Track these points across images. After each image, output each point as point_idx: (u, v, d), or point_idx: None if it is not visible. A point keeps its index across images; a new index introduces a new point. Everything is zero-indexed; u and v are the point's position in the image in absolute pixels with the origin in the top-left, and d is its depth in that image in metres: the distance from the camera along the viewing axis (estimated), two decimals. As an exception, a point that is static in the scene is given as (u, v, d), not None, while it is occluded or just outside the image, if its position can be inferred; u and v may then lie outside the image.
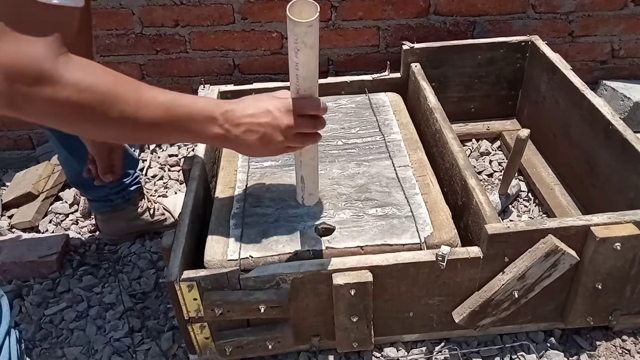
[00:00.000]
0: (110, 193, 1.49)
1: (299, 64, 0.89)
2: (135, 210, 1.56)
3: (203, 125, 0.87)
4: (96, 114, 0.76)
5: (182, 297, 1.09)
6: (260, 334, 1.15)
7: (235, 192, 1.32)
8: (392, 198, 1.27)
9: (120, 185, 1.49)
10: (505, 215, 1.61)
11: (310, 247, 1.15)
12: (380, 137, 1.48)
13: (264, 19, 1.84)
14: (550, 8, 1.86)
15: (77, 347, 1.32)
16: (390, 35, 1.89)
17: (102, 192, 1.48)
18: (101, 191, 1.48)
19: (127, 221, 1.56)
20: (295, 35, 0.84)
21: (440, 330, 1.23)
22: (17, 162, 2.03)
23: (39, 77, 0.71)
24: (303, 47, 0.86)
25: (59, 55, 0.73)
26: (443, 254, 1.09)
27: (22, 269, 1.51)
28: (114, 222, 1.56)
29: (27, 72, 0.70)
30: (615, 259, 1.10)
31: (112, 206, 1.52)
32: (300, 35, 0.84)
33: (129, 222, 1.57)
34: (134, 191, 1.54)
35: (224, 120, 0.88)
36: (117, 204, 1.52)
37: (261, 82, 1.79)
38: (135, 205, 1.56)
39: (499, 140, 1.89)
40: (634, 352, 1.23)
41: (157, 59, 1.92)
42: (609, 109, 1.41)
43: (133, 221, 1.57)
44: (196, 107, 0.86)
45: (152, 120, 0.81)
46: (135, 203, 1.55)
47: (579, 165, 1.54)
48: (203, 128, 0.87)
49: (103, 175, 1.34)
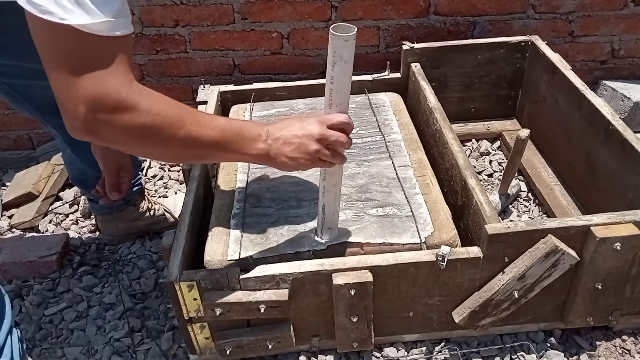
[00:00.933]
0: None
1: (334, 77, 0.96)
2: (136, 210, 1.56)
3: (252, 142, 0.97)
4: (166, 135, 0.86)
5: (182, 297, 1.09)
6: (260, 334, 1.15)
7: (236, 193, 1.32)
8: (393, 198, 1.27)
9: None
10: (505, 215, 1.61)
11: (310, 248, 1.15)
12: (380, 137, 1.48)
13: (264, 19, 1.84)
14: (550, 8, 1.86)
15: (77, 347, 1.32)
16: (390, 35, 1.89)
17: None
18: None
19: (127, 222, 1.56)
20: (333, 48, 0.92)
21: (440, 330, 1.23)
22: (17, 162, 2.03)
23: (118, 106, 0.80)
24: (339, 60, 0.93)
25: (131, 82, 0.82)
26: (443, 254, 1.09)
27: (22, 269, 1.51)
28: (115, 222, 1.56)
29: (107, 102, 0.79)
30: (615, 259, 1.10)
31: (112, 207, 1.52)
32: (337, 48, 0.92)
33: (130, 223, 1.57)
34: (135, 192, 1.54)
35: (266, 136, 0.98)
36: (118, 205, 1.52)
37: (261, 82, 1.79)
38: (136, 206, 1.56)
39: (499, 140, 1.89)
40: (634, 352, 1.23)
41: (157, 59, 1.92)
42: (609, 109, 1.41)
43: (134, 222, 1.57)
44: (246, 127, 0.98)
45: (211, 139, 0.92)
46: (136, 204, 1.56)
47: (579, 165, 1.54)
48: (252, 144, 0.97)
49: (110, 193, 1.36)
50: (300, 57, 1.92)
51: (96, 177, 1.44)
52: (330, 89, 0.99)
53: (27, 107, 1.29)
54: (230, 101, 1.72)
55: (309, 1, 1.81)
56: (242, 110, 1.66)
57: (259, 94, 1.72)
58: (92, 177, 1.44)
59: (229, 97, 1.72)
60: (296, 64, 1.93)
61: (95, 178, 1.44)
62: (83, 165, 1.42)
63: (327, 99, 1.01)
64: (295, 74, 1.94)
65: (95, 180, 1.45)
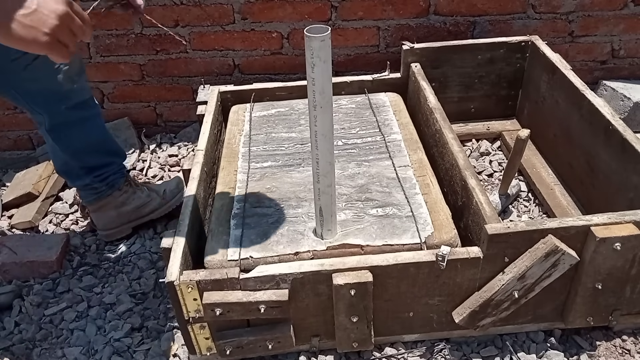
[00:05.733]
0: (94, 181, 1.52)
1: (315, 79, 0.97)
2: (121, 195, 1.57)
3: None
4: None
5: (182, 297, 1.09)
6: (260, 334, 1.15)
7: (236, 193, 1.32)
8: (393, 198, 1.27)
9: (104, 173, 1.53)
10: (505, 215, 1.61)
11: (310, 248, 1.15)
12: (380, 137, 1.48)
13: (264, 19, 1.84)
14: (550, 8, 1.86)
15: (77, 347, 1.32)
16: (390, 35, 1.89)
17: (86, 180, 1.51)
18: (85, 179, 1.51)
19: (115, 208, 1.57)
20: (311, 50, 0.94)
21: (440, 330, 1.23)
22: (17, 162, 2.03)
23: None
24: (318, 61, 0.95)
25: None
26: (443, 254, 1.09)
27: (22, 269, 1.51)
28: (103, 211, 1.58)
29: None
30: (615, 259, 1.10)
31: (97, 194, 1.54)
32: (315, 49, 0.94)
33: (118, 209, 1.58)
34: (118, 177, 1.57)
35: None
36: (101, 191, 1.54)
37: (261, 82, 1.79)
38: (121, 190, 1.58)
39: (499, 140, 1.89)
40: (634, 352, 1.23)
41: (157, 59, 1.92)
42: (609, 109, 1.41)
43: (122, 207, 1.58)
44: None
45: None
46: (121, 188, 1.58)
47: (579, 165, 1.54)
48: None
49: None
50: (300, 57, 1.92)
51: (79, 167, 1.48)
52: (313, 91, 0.99)
53: (12, 93, 1.32)
54: (230, 101, 1.72)
55: (309, 1, 1.81)
56: (242, 110, 1.66)
57: (259, 94, 1.72)
58: (75, 167, 1.48)
59: (229, 97, 1.72)
60: (296, 64, 1.93)
61: (79, 168, 1.48)
62: (65, 156, 1.46)
63: (311, 101, 1.01)
64: (295, 74, 1.94)
65: (78, 170, 1.49)
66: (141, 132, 2.05)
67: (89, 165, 1.50)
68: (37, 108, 1.36)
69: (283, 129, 1.56)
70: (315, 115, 1.02)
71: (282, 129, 1.56)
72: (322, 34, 0.93)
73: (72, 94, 1.38)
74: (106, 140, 1.54)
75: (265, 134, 1.55)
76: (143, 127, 2.06)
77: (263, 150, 1.48)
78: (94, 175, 1.51)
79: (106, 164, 1.53)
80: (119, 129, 1.99)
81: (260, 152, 1.47)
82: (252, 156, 1.45)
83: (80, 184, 1.53)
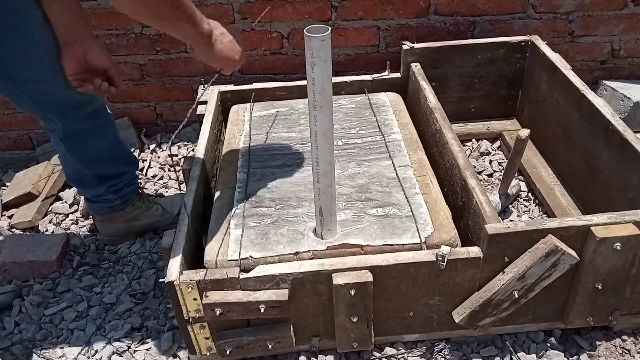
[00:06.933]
0: (108, 192, 1.49)
1: (315, 78, 0.97)
2: (134, 210, 1.56)
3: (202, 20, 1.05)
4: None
5: (182, 297, 1.09)
6: (260, 334, 1.15)
7: (236, 193, 1.32)
8: (393, 198, 1.27)
9: (118, 184, 1.50)
10: (505, 215, 1.61)
11: (310, 248, 1.15)
12: (380, 137, 1.48)
13: (264, 19, 1.84)
14: (550, 8, 1.86)
15: (77, 347, 1.32)
16: (390, 35, 1.89)
17: (99, 190, 1.48)
18: (98, 189, 1.48)
19: (125, 222, 1.56)
20: (311, 50, 0.95)
21: (440, 330, 1.23)
22: (17, 162, 2.03)
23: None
24: (318, 61, 0.95)
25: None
26: (443, 254, 1.09)
27: (22, 269, 1.51)
28: (113, 222, 1.56)
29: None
30: (615, 259, 1.10)
31: (110, 207, 1.52)
32: (315, 49, 0.94)
33: (128, 223, 1.57)
34: (132, 191, 1.54)
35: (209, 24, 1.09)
36: (115, 205, 1.52)
37: (261, 82, 1.79)
38: (134, 206, 1.56)
39: (499, 140, 1.89)
40: (634, 352, 1.23)
41: (157, 59, 1.92)
42: (609, 109, 1.41)
43: (132, 222, 1.57)
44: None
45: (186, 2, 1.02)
46: (134, 203, 1.56)
47: (579, 165, 1.54)
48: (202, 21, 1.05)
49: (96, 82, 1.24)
50: (300, 57, 1.92)
51: (92, 176, 1.44)
52: (313, 91, 0.99)
53: (26, 102, 1.29)
54: (230, 101, 1.72)
55: (309, 1, 1.81)
56: (242, 110, 1.66)
57: (259, 94, 1.72)
58: (87, 175, 1.45)
59: (228, 97, 1.72)
60: (296, 64, 1.93)
61: (92, 177, 1.44)
62: (77, 164, 1.43)
63: (311, 101, 1.01)
64: (295, 74, 1.94)
65: (91, 179, 1.45)
66: (141, 132, 2.05)
67: (102, 174, 1.46)
68: (51, 116, 1.34)
69: (283, 129, 1.56)
70: (315, 115, 1.02)
71: (282, 128, 1.56)
72: (322, 33, 0.93)
73: (86, 102, 1.36)
74: (119, 147, 1.51)
75: (265, 134, 1.55)
76: (143, 127, 2.06)
77: (263, 150, 1.48)
78: (107, 186, 1.48)
79: (119, 173, 1.49)
80: (119, 129, 1.97)
81: (260, 152, 1.47)
82: (252, 156, 1.45)
83: (93, 193, 1.50)
